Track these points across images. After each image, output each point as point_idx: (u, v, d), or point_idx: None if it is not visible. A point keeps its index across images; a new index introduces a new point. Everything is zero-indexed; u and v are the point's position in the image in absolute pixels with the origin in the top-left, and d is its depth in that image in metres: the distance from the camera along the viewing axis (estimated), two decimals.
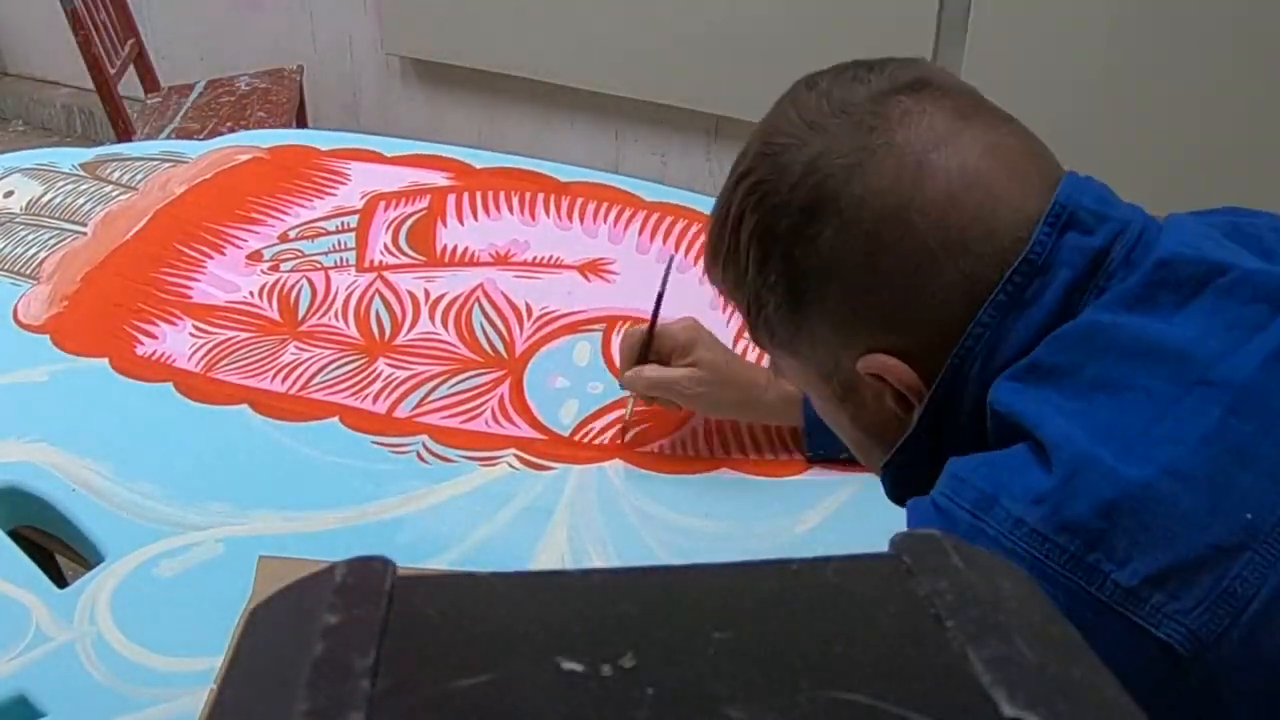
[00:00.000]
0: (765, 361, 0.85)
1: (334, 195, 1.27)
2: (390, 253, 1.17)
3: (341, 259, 1.16)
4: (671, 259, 0.93)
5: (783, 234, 0.59)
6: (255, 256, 1.16)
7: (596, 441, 0.95)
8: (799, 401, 0.91)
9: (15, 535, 0.86)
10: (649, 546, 0.84)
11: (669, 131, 2.52)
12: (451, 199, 1.24)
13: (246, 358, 1.03)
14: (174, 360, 1.02)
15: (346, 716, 0.26)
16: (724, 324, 1.07)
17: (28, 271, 1.13)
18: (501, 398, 0.99)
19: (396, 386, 1.00)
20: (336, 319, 1.08)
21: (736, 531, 0.86)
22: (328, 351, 1.04)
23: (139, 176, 1.28)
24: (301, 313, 1.08)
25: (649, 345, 0.92)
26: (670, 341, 0.92)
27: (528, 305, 1.10)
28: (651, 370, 0.91)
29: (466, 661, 0.28)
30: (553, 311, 1.09)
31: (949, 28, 1.96)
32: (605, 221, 1.22)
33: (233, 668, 0.31)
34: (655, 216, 1.23)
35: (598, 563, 0.83)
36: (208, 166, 1.30)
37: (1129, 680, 0.29)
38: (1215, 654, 0.48)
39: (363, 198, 1.26)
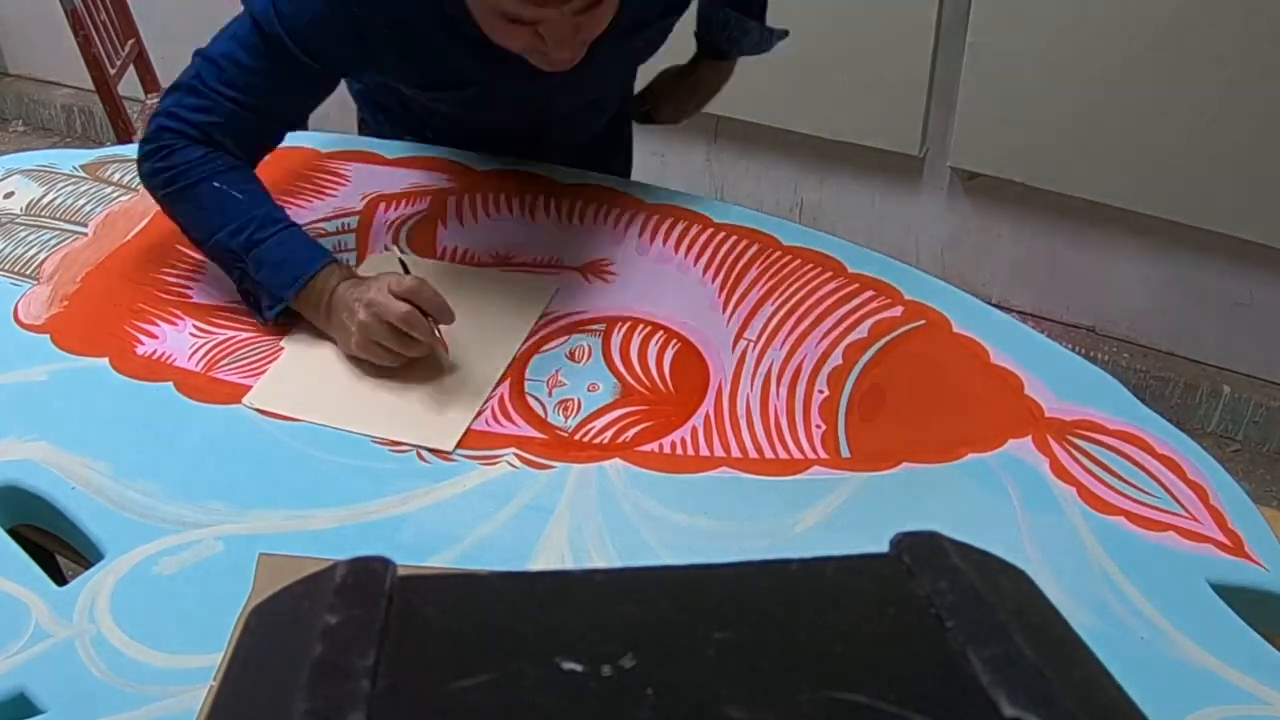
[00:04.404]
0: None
1: (334, 197, 1.27)
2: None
3: (342, 260, 1.16)
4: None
5: None
6: None
7: (596, 441, 0.95)
8: None
9: (15, 534, 0.86)
10: (649, 546, 0.84)
11: (669, 132, 2.52)
12: (452, 200, 1.24)
13: (246, 358, 1.03)
14: (174, 360, 1.02)
15: (346, 716, 0.26)
16: (724, 324, 1.07)
17: (28, 272, 1.13)
18: (501, 397, 0.99)
19: None
20: None
21: (736, 531, 0.86)
22: None
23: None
24: None
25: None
26: None
27: None
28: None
29: (466, 661, 0.28)
30: (553, 312, 1.10)
31: (949, 28, 1.96)
32: (605, 222, 1.22)
33: (232, 666, 0.31)
34: (655, 217, 1.23)
35: (598, 562, 0.83)
36: None
37: None
38: None
39: (363, 199, 1.26)
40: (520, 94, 1.14)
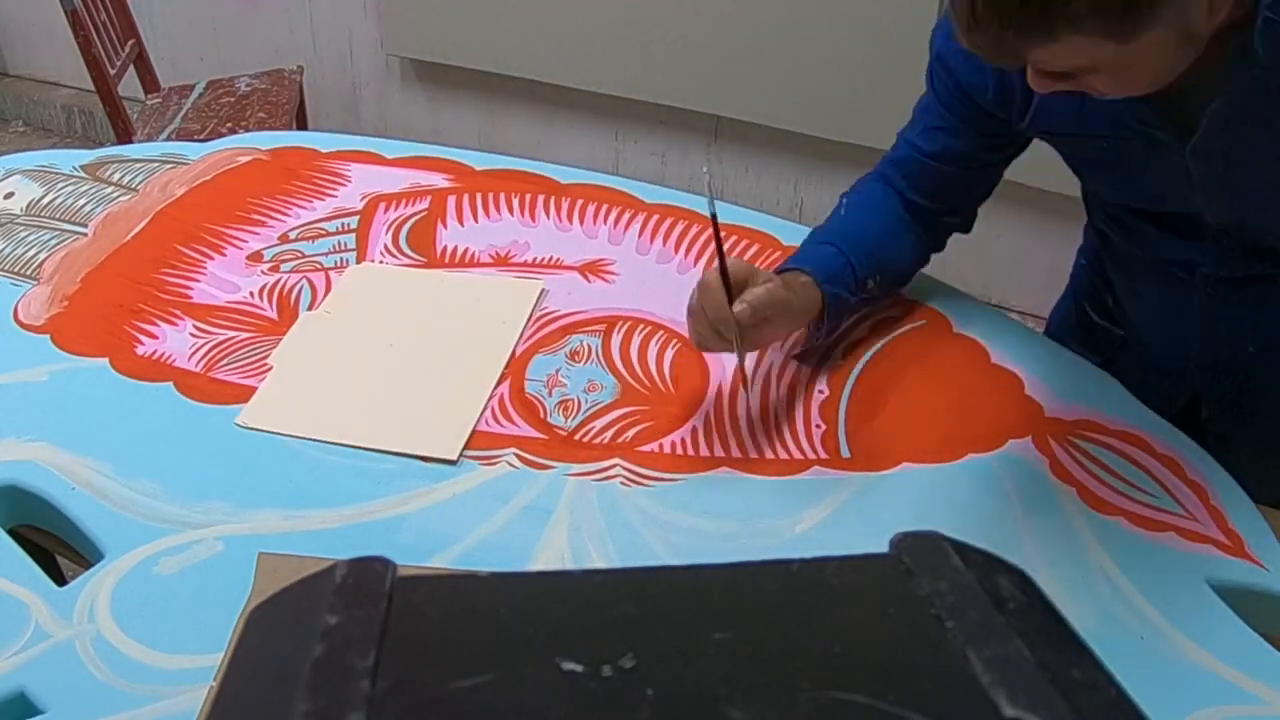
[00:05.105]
0: None
1: (334, 197, 1.27)
2: (390, 254, 1.17)
3: (342, 260, 1.16)
4: (713, 200, 0.91)
5: None
6: (255, 257, 1.16)
7: (596, 441, 0.95)
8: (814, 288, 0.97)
9: (15, 534, 0.86)
10: (649, 546, 0.84)
11: (669, 132, 2.53)
12: (452, 200, 1.24)
13: (246, 358, 1.03)
14: (174, 360, 1.02)
15: (346, 716, 0.26)
16: None
17: (28, 272, 1.13)
18: (501, 397, 0.99)
19: None
20: None
21: (736, 531, 0.86)
22: None
23: (139, 178, 1.28)
24: (301, 313, 1.08)
25: (729, 282, 0.90)
26: (735, 280, 0.91)
27: None
28: (753, 294, 0.90)
29: (466, 661, 0.28)
30: (553, 311, 1.10)
31: None
32: (605, 223, 1.22)
33: (233, 667, 0.31)
34: (655, 218, 1.23)
35: (598, 563, 0.83)
36: (208, 168, 1.30)
37: None
38: None
39: (363, 199, 1.26)
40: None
